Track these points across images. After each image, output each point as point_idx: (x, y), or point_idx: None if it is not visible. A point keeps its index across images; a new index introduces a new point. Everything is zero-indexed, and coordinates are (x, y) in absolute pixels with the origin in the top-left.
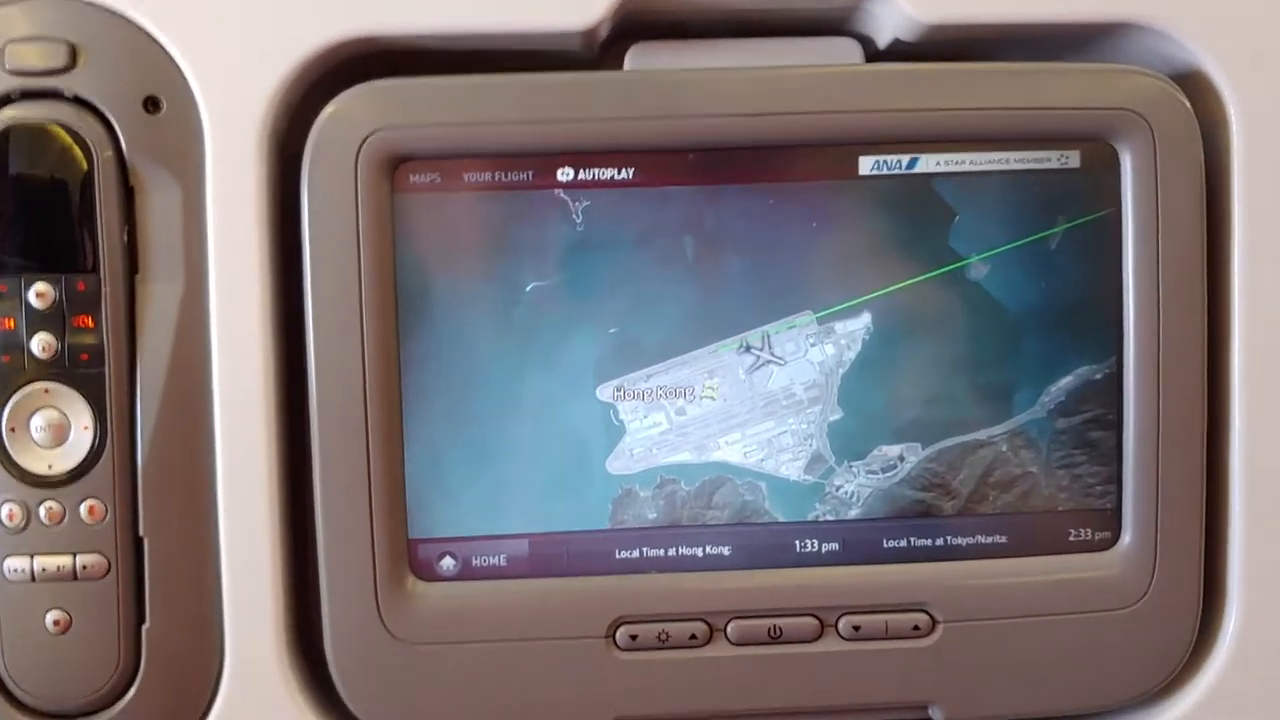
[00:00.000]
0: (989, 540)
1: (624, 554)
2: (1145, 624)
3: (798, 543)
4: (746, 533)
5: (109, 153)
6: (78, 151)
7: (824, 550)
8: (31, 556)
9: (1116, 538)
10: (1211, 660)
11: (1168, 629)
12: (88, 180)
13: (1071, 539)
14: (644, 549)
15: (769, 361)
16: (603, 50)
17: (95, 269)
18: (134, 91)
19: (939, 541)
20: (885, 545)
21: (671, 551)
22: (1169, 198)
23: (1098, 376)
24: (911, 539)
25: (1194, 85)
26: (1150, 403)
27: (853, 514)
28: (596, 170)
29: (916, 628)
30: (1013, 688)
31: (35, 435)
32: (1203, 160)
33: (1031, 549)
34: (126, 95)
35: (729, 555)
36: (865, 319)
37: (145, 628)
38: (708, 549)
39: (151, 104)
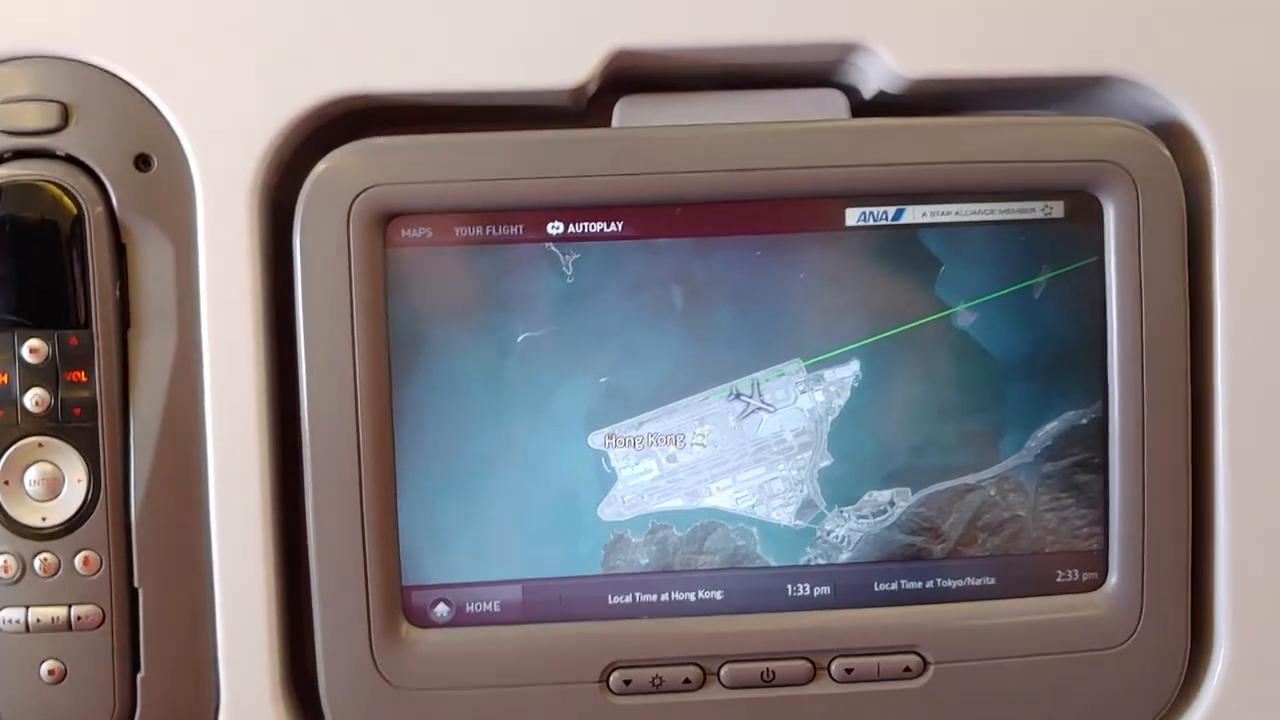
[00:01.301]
0: (978, 582)
1: (617, 599)
2: (1133, 664)
3: (790, 587)
4: (739, 577)
5: (100, 209)
6: (70, 208)
7: (816, 594)
8: (27, 608)
9: (1104, 579)
10: (1199, 700)
11: (1155, 669)
12: (80, 237)
13: (1059, 580)
14: (637, 594)
15: (759, 409)
16: (590, 103)
17: (88, 324)
18: (125, 149)
19: (929, 584)
20: (876, 588)
21: (664, 596)
22: (1151, 247)
23: (1084, 421)
24: (902, 582)
25: (1175, 136)
26: (1135, 447)
27: (844, 558)
28: (586, 224)
29: (908, 669)
30: None
31: (29, 488)
32: (1184, 209)
33: (1020, 591)
34: (118, 153)
35: (721, 600)
36: (854, 366)
37: (140, 676)
38: (700, 594)
39: (143, 162)
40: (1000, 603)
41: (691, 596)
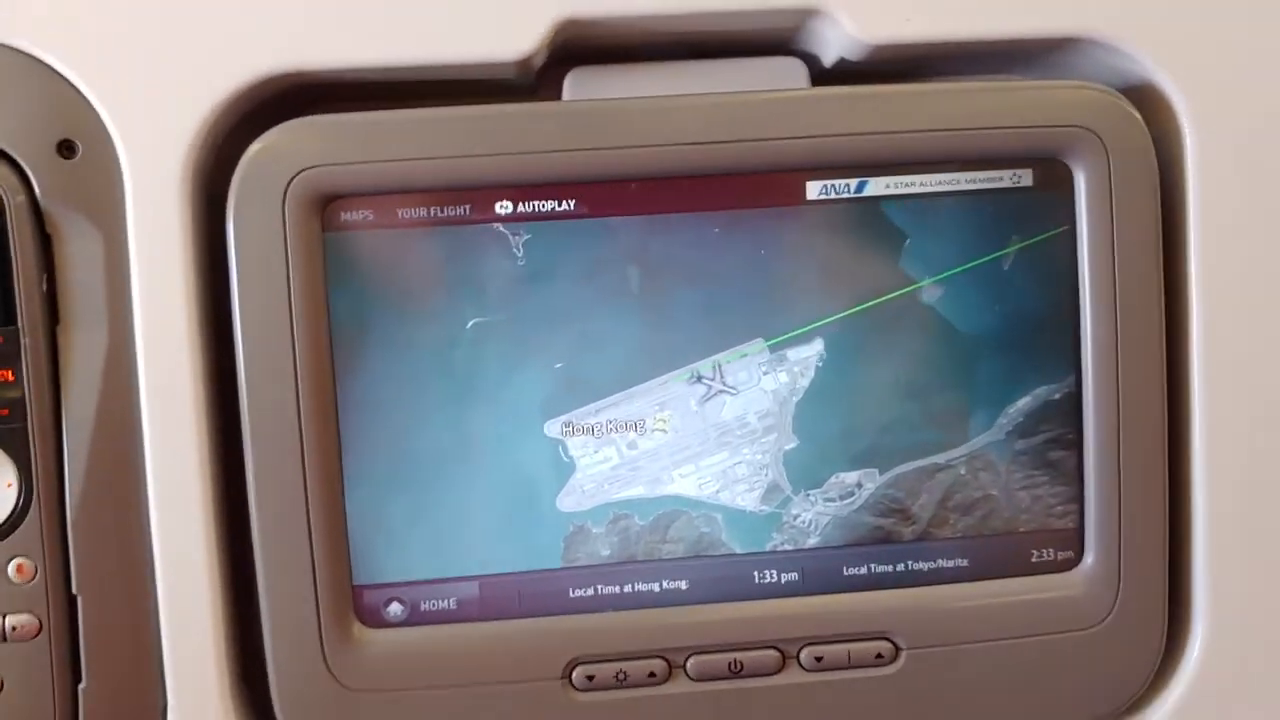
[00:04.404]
0: (950, 564)
1: (578, 593)
2: (1110, 644)
3: (756, 574)
4: (704, 566)
5: (22, 199)
6: None
7: (783, 581)
8: None
9: (1079, 558)
10: (1177, 679)
11: (1132, 648)
12: (1, 229)
13: (1034, 560)
14: (598, 587)
15: (721, 391)
16: (540, 76)
17: (13, 320)
18: (47, 135)
19: (900, 567)
20: (846, 573)
21: (627, 588)
22: (1124, 213)
23: (1056, 396)
24: (872, 566)
25: (1146, 98)
26: (1110, 421)
27: (811, 543)
28: (536, 203)
29: (879, 656)
30: (977, 713)
31: None
32: (1157, 174)
33: (994, 572)
34: (39, 139)
35: (686, 589)
36: (818, 345)
37: (82, 687)
38: (664, 584)
39: (66, 148)
40: (973, 585)
41: (655, 587)
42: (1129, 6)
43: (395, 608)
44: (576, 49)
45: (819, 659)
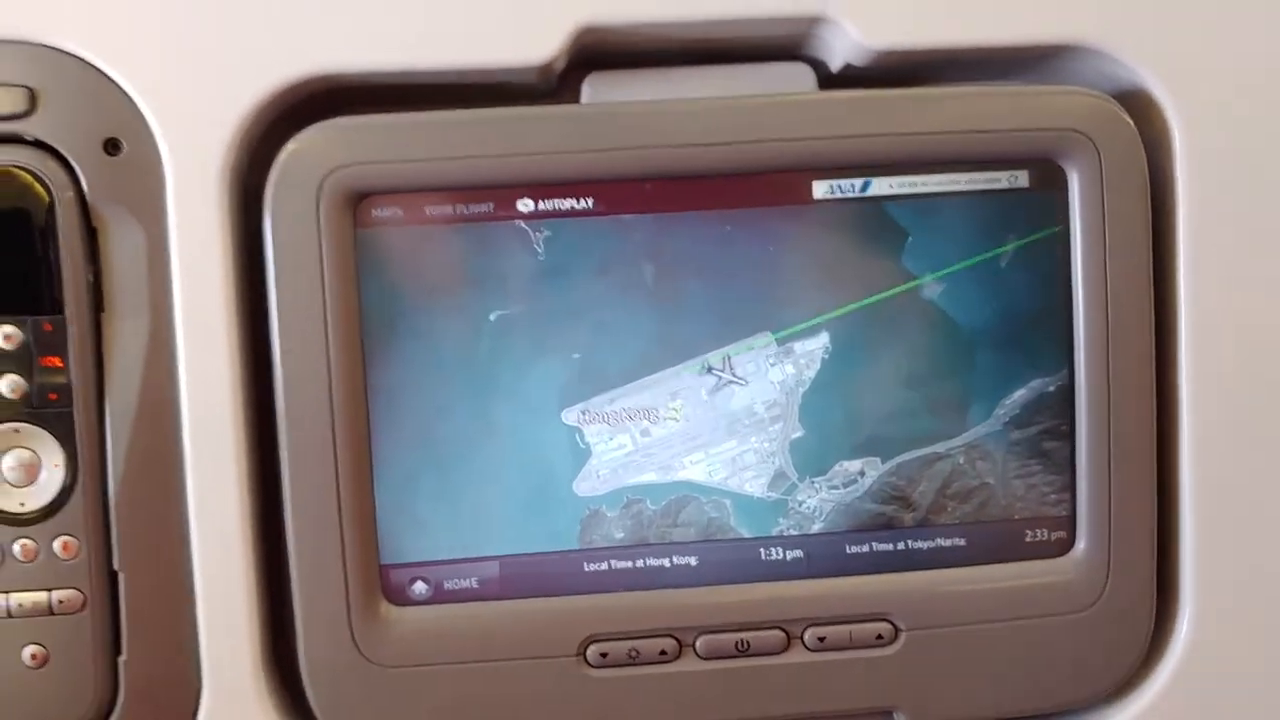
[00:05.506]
0: (949, 549)
1: (593, 573)
2: (1100, 627)
3: (763, 558)
4: (712, 549)
5: (70, 194)
6: (40, 194)
7: (789, 564)
8: (7, 594)
9: (1071, 544)
10: (1165, 662)
11: (1122, 632)
12: (50, 222)
13: (1028, 546)
14: (613, 567)
15: (730, 382)
16: (560, 81)
17: (61, 310)
18: (94, 133)
19: (900, 552)
20: (848, 557)
21: (640, 569)
22: (1115, 214)
23: (1050, 389)
24: (873, 550)
25: (1137, 104)
26: (1101, 413)
27: (816, 528)
28: (556, 201)
29: (880, 636)
30: (973, 691)
31: (7, 474)
32: (1147, 176)
33: (990, 557)
34: (87, 137)
35: (696, 572)
36: (823, 339)
37: (122, 659)
38: (675, 566)
39: (112, 146)
40: (970, 569)
41: (667, 568)
42: (1123, 17)
43: (420, 586)
44: (594, 55)
45: (822, 639)
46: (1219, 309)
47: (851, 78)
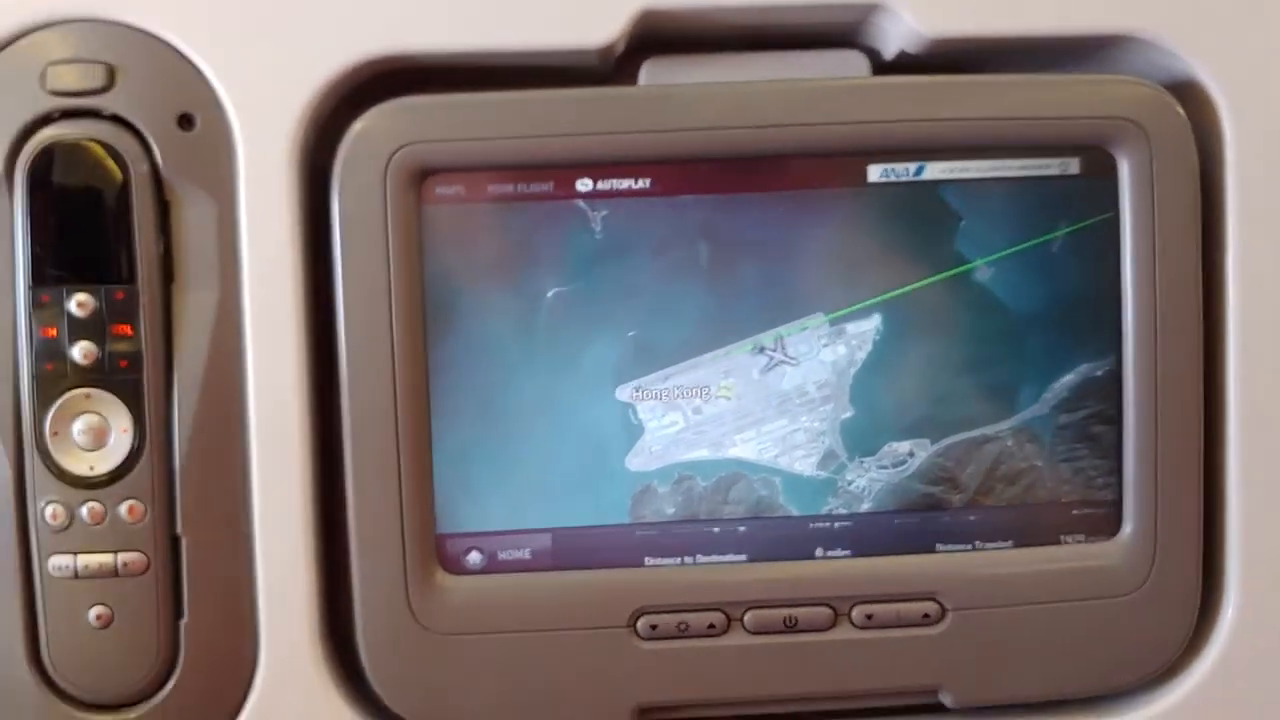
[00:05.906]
0: (996, 531)
1: (644, 546)
2: (1146, 610)
3: (811, 535)
4: (762, 526)
5: (145, 168)
6: (115, 168)
7: (837, 542)
8: (75, 555)
9: (1118, 528)
10: (1211, 644)
11: (1168, 615)
12: (125, 195)
13: (1075, 529)
14: (663, 540)
15: (782, 362)
16: (618, 64)
17: (133, 279)
18: (169, 109)
19: (947, 532)
20: (896, 537)
21: (690, 544)
22: (1165, 202)
23: (1099, 373)
24: (921, 530)
25: (1189, 95)
26: (1149, 398)
27: (864, 507)
28: (614, 181)
29: (927, 616)
30: (1019, 672)
31: (77, 439)
32: (1198, 166)
33: (1036, 539)
34: (161, 113)
35: (746, 548)
36: (875, 320)
37: (183, 622)
38: (724, 541)
39: (185, 121)
40: (1017, 551)
41: (716, 544)
42: (1176, 8)
43: (475, 556)
44: (652, 40)
45: (869, 617)
46: (1267, 296)
47: (904, 65)
